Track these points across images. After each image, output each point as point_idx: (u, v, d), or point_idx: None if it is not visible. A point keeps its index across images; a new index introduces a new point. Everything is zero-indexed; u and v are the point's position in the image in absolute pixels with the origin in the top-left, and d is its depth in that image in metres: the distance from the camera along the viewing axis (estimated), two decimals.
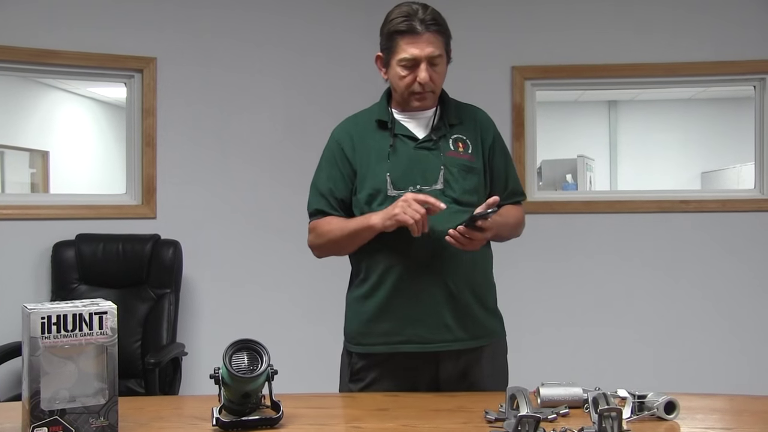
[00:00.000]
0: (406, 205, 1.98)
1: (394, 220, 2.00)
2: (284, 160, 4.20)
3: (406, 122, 2.20)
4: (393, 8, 2.14)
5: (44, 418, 1.51)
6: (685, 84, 4.71)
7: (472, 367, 2.16)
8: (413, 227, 1.96)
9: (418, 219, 1.95)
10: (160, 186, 4.05)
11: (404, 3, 2.13)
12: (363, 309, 2.18)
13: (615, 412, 1.49)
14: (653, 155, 9.75)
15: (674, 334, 4.19)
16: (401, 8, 2.11)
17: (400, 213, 1.98)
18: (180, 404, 2.18)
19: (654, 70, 4.23)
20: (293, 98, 4.24)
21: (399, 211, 1.98)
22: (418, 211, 1.95)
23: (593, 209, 4.28)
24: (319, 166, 2.28)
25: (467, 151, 2.18)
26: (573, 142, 9.30)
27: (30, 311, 1.52)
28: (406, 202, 1.98)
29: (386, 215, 2.02)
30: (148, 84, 4.03)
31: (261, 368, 1.62)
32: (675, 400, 1.72)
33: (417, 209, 1.96)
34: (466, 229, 1.97)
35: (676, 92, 9.01)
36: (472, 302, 2.14)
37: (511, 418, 1.54)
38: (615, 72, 4.26)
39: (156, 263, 3.83)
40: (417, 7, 2.10)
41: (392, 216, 2.00)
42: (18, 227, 3.85)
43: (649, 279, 4.22)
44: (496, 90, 4.18)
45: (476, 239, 1.99)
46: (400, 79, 2.13)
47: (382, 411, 1.87)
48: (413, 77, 2.11)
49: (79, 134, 8.71)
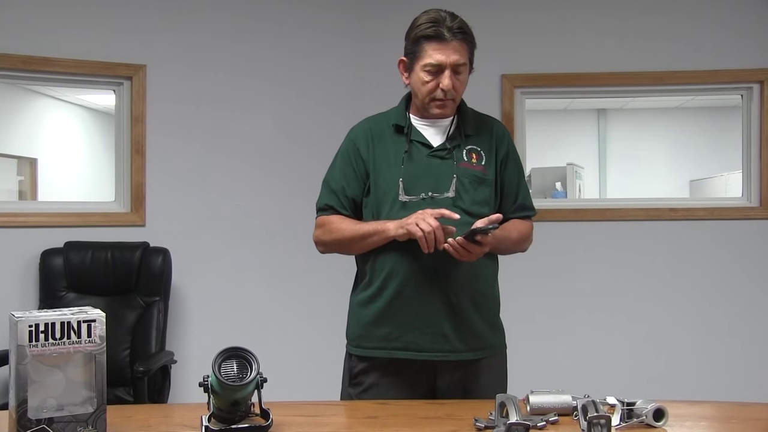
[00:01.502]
0: (421, 218, 2.00)
1: (405, 229, 2.02)
2: (275, 166, 4.20)
3: (422, 129, 2.22)
4: (420, 14, 2.16)
5: (31, 426, 1.50)
6: (673, 93, 4.75)
7: (470, 379, 2.17)
8: (423, 242, 1.98)
9: (429, 231, 1.97)
10: (149, 193, 4.04)
11: (432, 9, 2.15)
12: (365, 312, 2.19)
13: (604, 419, 1.50)
14: (642, 163, 9.80)
15: (663, 341, 4.20)
16: (429, 14, 2.13)
17: (413, 225, 2.00)
18: (169, 412, 2.17)
19: (643, 78, 4.26)
20: (283, 103, 4.24)
21: (412, 221, 2.01)
22: (431, 224, 1.97)
23: (582, 217, 4.30)
24: (333, 163, 2.29)
25: (480, 162, 2.20)
26: (562, 150, 9.33)
27: (17, 319, 1.51)
28: (422, 215, 2.00)
29: (400, 224, 2.05)
30: (138, 91, 4.02)
31: (250, 376, 1.61)
32: (664, 407, 1.72)
33: (431, 222, 1.98)
34: (465, 241, 1.99)
35: (664, 101, 9.07)
36: (472, 314, 2.15)
37: (501, 425, 1.54)
38: (604, 80, 4.28)
39: (145, 271, 3.82)
40: (445, 14, 2.12)
41: (405, 225, 2.03)
42: (5, 235, 3.83)
43: (638, 286, 4.23)
44: (486, 98, 4.18)
45: (474, 252, 2.01)
46: (423, 85, 2.14)
47: (371, 419, 1.86)
48: (436, 83, 2.12)
49: (67, 141, 8.68)
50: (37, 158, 8.05)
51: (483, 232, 1.98)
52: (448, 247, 2.00)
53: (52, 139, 8.42)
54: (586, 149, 10.07)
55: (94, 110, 8.91)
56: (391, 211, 2.14)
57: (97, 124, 8.93)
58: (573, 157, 8.55)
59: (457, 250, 2.00)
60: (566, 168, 7.97)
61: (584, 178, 8.95)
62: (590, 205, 4.76)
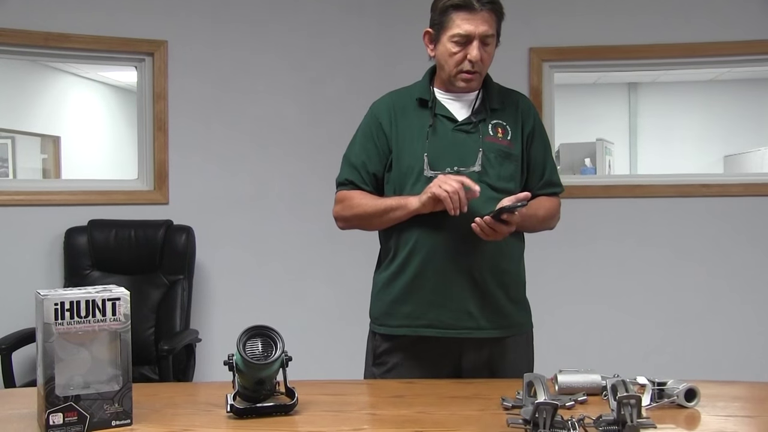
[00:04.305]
0: (443, 180, 1.99)
1: (429, 193, 2.01)
2: (298, 142, 4.20)
3: (447, 103, 2.20)
4: None
5: (59, 404, 1.53)
6: (707, 65, 4.65)
7: (496, 358, 2.17)
8: (448, 202, 1.96)
9: (453, 191, 1.95)
10: (172, 171, 4.07)
11: None
12: (388, 290, 2.19)
13: (634, 399, 1.49)
14: (674, 138, 9.67)
15: (695, 321, 4.17)
16: None
17: (435, 187, 1.99)
18: (194, 391, 2.20)
19: (675, 51, 4.19)
20: (306, 79, 4.23)
21: (434, 184, 2.00)
22: (454, 185, 1.96)
23: (612, 194, 4.26)
24: (354, 138, 2.29)
25: (506, 137, 2.18)
26: (592, 125, 9.24)
27: (43, 297, 1.53)
28: (444, 178, 2.00)
29: (422, 194, 2.04)
30: (159, 67, 4.04)
31: (275, 355, 1.63)
32: (695, 387, 1.71)
33: (453, 183, 1.96)
34: (492, 220, 1.98)
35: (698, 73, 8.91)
36: (497, 292, 2.15)
37: (528, 405, 1.54)
38: (635, 53, 4.22)
39: (169, 249, 3.86)
40: None
41: (427, 190, 2.02)
42: (30, 213, 3.88)
43: (669, 265, 4.19)
44: (514, 72, 4.13)
45: (500, 232, 2.00)
46: (450, 56, 2.12)
47: (397, 398, 1.87)
48: (463, 55, 2.10)
49: (90, 119, 8.75)
50: (60, 136, 8.13)
51: (510, 210, 1.96)
52: (474, 226, 1.99)
53: (74, 117, 8.49)
54: (616, 124, 9.94)
55: (117, 87, 8.96)
56: (415, 187, 2.12)
57: (120, 101, 8.98)
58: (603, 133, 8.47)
59: (483, 230, 1.99)
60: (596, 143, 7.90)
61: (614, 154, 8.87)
62: (620, 181, 4.70)
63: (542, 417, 1.46)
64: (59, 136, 8.12)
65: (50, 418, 1.52)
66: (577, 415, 1.56)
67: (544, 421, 1.46)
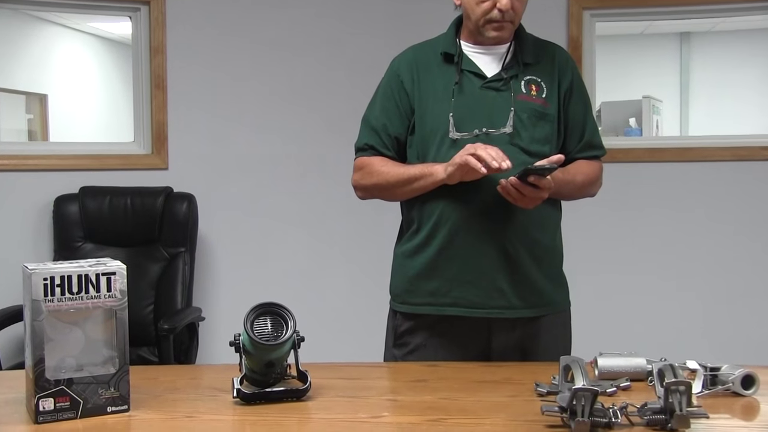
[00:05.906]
0: (471, 148, 1.96)
1: (455, 164, 1.99)
2: (309, 102, 4.19)
3: (475, 57, 2.18)
4: None
5: (50, 388, 1.54)
6: None
7: (529, 340, 2.17)
8: (476, 165, 1.92)
9: (481, 155, 1.92)
10: (171, 133, 4.08)
11: None
12: (411, 264, 2.19)
13: (684, 386, 1.48)
14: (731, 95, 9.56)
15: (751, 299, 4.15)
16: None
17: (463, 155, 1.96)
18: (197, 374, 2.22)
19: None
20: (317, 35, 4.20)
21: (462, 153, 1.97)
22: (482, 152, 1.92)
23: (660, 157, 4.23)
24: (374, 98, 2.28)
25: (541, 95, 2.16)
26: (638, 81, 9.17)
27: (31, 272, 1.54)
28: (473, 146, 1.97)
29: (449, 163, 2.02)
30: (156, 18, 4.03)
31: (286, 335, 1.63)
32: (754, 373, 1.70)
33: (482, 150, 1.93)
34: (518, 181, 1.95)
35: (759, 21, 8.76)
36: (531, 267, 2.14)
37: (565, 391, 1.54)
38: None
39: (168, 219, 3.88)
40: None
41: (453, 161, 2.00)
42: (15, 179, 3.92)
43: (723, 237, 4.16)
44: (551, 22, 4.09)
45: (528, 196, 1.98)
46: (477, 4, 2.10)
47: (419, 382, 1.88)
48: (492, 3, 2.08)
49: (80, 75, 8.77)
50: (47, 94, 8.15)
51: (536, 172, 1.93)
52: (500, 188, 1.98)
53: (63, 73, 8.50)
54: (665, 80, 9.86)
55: (109, 40, 8.96)
56: (440, 151, 2.12)
57: (113, 55, 8.99)
58: (650, 90, 8.39)
59: (509, 192, 1.98)
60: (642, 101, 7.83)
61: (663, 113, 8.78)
62: (669, 143, 4.66)
63: (580, 404, 1.46)
64: (46, 94, 8.14)
65: (40, 403, 1.53)
66: (619, 402, 1.56)
67: (582, 409, 1.45)
